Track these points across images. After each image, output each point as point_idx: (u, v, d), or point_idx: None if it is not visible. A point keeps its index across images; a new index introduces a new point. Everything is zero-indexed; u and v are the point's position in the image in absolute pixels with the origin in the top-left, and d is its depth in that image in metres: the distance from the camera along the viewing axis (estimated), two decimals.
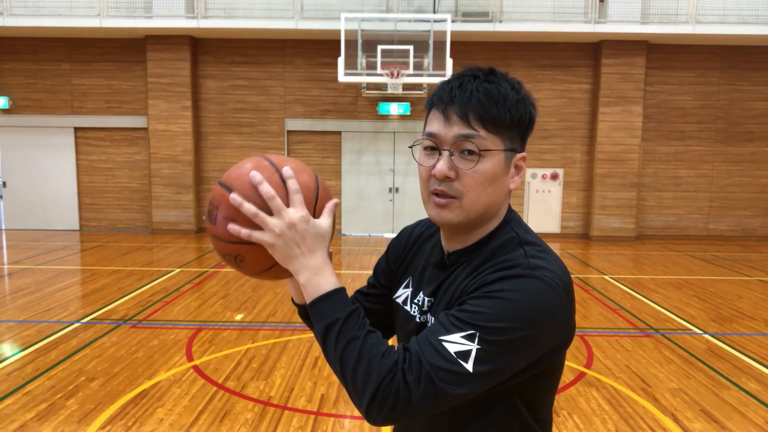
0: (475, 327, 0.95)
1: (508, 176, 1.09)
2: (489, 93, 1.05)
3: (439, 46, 10.63)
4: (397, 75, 10.70)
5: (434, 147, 1.07)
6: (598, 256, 10.67)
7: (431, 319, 1.12)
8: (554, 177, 12.85)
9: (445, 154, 1.05)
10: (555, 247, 11.65)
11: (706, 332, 5.73)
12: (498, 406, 1.07)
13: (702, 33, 11.59)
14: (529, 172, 12.84)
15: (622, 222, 12.54)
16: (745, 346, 5.27)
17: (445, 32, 10.57)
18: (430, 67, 10.96)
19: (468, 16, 11.88)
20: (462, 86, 1.06)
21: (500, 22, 11.72)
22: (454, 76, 1.10)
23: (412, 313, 1.18)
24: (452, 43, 10.89)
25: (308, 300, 1.02)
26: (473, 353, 0.94)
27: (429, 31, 10.81)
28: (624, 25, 11.66)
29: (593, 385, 4.30)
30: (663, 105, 12.61)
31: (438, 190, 1.06)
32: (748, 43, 12.16)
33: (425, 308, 1.15)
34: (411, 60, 10.85)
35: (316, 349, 5.00)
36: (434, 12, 11.55)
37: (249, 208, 1.00)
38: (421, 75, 11.10)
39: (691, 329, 5.84)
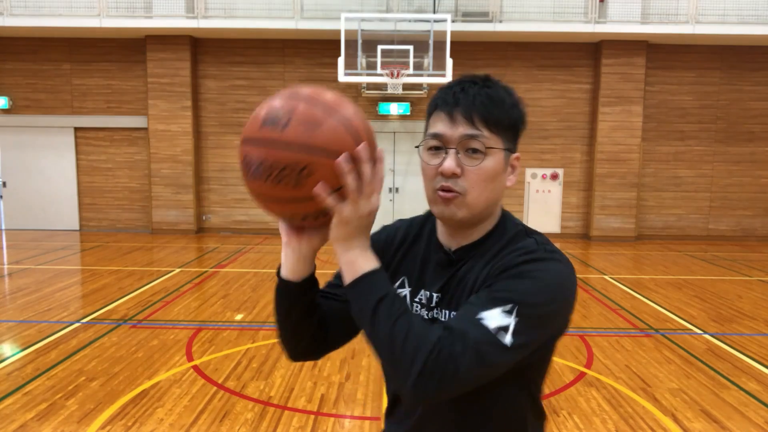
0: (512, 302, 1.02)
1: (506, 174, 1.17)
2: (490, 97, 1.12)
3: (439, 46, 10.63)
4: (397, 75, 10.70)
5: (439, 147, 1.13)
6: (598, 256, 10.67)
7: (445, 313, 1.16)
8: (554, 177, 12.85)
9: (452, 152, 1.11)
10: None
11: (706, 332, 5.73)
12: (515, 383, 1.14)
13: (702, 33, 11.59)
14: (528, 172, 12.85)
15: (622, 222, 12.54)
16: (745, 346, 5.27)
17: (445, 32, 10.57)
18: (430, 67, 10.97)
19: (468, 16, 11.88)
20: (464, 90, 1.13)
21: (500, 22, 11.72)
22: (455, 82, 1.16)
23: (414, 311, 1.21)
24: (452, 43, 10.89)
25: (355, 276, 1.05)
26: (512, 326, 1.00)
27: (429, 31, 10.81)
28: (624, 25, 11.66)
29: (593, 385, 4.30)
30: (663, 105, 12.61)
31: (445, 186, 1.12)
32: (748, 43, 12.16)
33: (433, 304, 1.18)
34: (411, 60, 10.85)
35: None
36: (434, 12, 11.55)
37: (351, 182, 1.00)
38: (421, 75, 11.11)
39: (691, 329, 5.84)
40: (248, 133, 1.04)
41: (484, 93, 1.11)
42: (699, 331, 5.76)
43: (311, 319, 1.19)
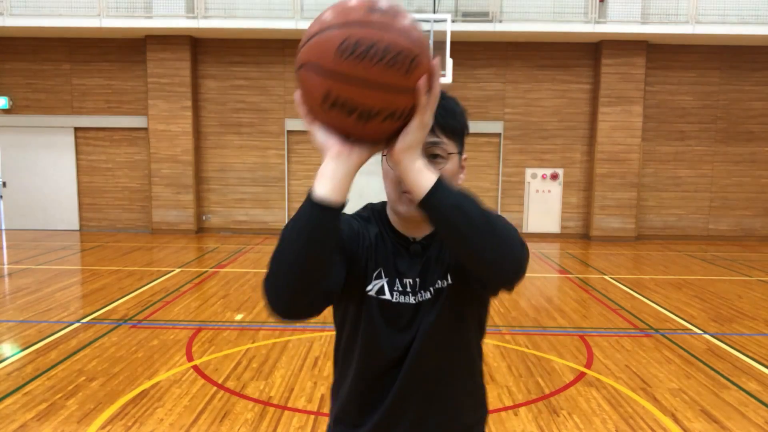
0: None
1: (459, 174, 1.33)
2: (446, 108, 1.25)
3: (439, 46, 10.62)
4: None
5: None
6: (598, 256, 10.67)
7: (424, 294, 1.30)
8: (554, 177, 12.85)
9: None
10: (555, 246, 11.67)
11: (706, 332, 5.73)
12: (476, 330, 1.40)
13: (702, 33, 11.59)
14: (528, 172, 12.85)
15: (622, 222, 12.54)
16: (745, 346, 5.27)
17: (445, 32, 10.57)
18: None
19: (468, 16, 11.88)
20: None
21: (500, 22, 11.72)
22: None
23: (394, 300, 1.30)
24: (452, 43, 10.88)
25: (431, 179, 1.10)
26: None
27: (429, 31, 10.79)
28: (624, 25, 11.66)
29: (593, 385, 4.30)
30: (663, 105, 12.61)
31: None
32: (748, 43, 12.16)
33: (417, 288, 1.31)
34: None
35: (316, 349, 5.01)
36: (434, 12, 11.54)
37: (437, 87, 1.08)
38: None
39: (691, 329, 5.84)
40: (352, 17, 1.01)
41: (441, 105, 1.19)
42: (699, 331, 5.76)
43: (331, 260, 1.17)
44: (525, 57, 12.56)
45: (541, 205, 12.92)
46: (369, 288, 1.31)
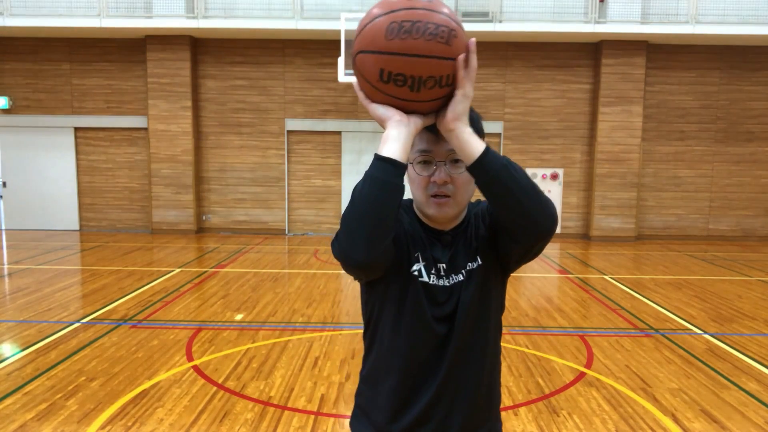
0: None
1: None
2: None
3: None
4: None
5: (428, 160, 1.40)
6: (598, 256, 10.67)
7: (453, 277, 1.44)
8: (554, 177, 12.85)
9: (441, 164, 1.39)
10: (555, 246, 11.66)
11: (706, 332, 5.73)
12: (498, 329, 1.52)
13: (702, 33, 11.59)
14: (528, 172, 12.82)
15: (622, 222, 12.54)
16: (745, 346, 5.27)
17: None
18: None
19: (468, 16, 11.88)
20: None
21: (500, 22, 11.72)
22: None
23: (431, 282, 1.43)
24: None
25: (481, 146, 1.27)
26: None
27: None
28: (624, 25, 11.66)
29: (593, 385, 4.30)
30: (663, 105, 12.61)
31: (438, 193, 1.40)
32: (748, 43, 12.16)
33: (449, 271, 1.44)
34: None
35: (316, 349, 5.01)
36: None
37: (474, 61, 1.25)
38: None
39: (691, 329, 5.84)
40: (396, 6, 1.21)
41: None
42: (699, 331, 5.76)
43: (398, 214, 1.32)
44: (525, 57, 12.56)
45: None
46: (413, 268, 1.43)
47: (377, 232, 1.24)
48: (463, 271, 1.44)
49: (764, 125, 12.65)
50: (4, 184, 12.96)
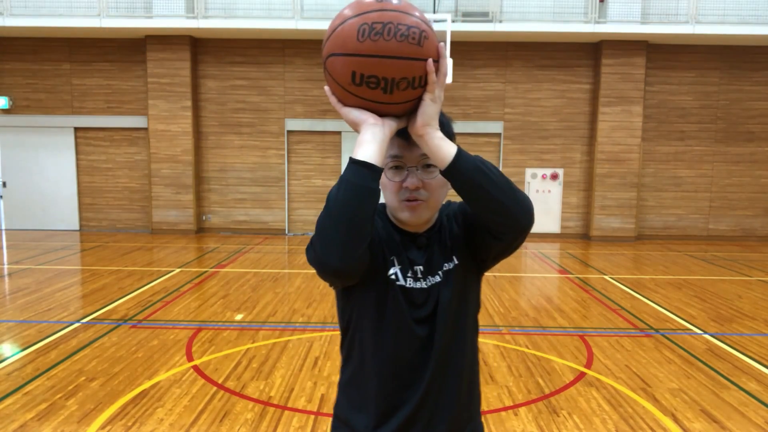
0: None
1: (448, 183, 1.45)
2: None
3: None
4: None
5: (400, 166, 1.39)
6: (598, 256, 10.67)
7: (430, 279, 1.43)
8: (554, 177, 12.85)
9: (413, 170, 1.38)
10: (555, 246, 11.67)
11: (706, 332, 5.73)
12: (475, 328, 1.53)
13: (702, 33, 11.59)
14: (528, 172, 12.85)
15: (622, 222, 12.54)
16: (745, 346, 5.27)
17: (445, 32, 10.57)
18: None
19: (468, 16, 11.88)
20: None
21: (500, 22, 11.72)
22: None
23: (408, 285, 1.41)
24: (452, 43, 10.89)
25: (453, 148, 1.27)
26: None
27: None
28: (624, 25, 11.66)
29: (593, 385, 4.30)
30: (663, 105, 12.61)
31: (410, 197, 1.39)
32: (748, 43, 12.16)
33: (426, 273, 1.44)
34: None
35: (316, 349, 5.01)
36: (434, 12, 11.54)
37: (444, 66, 1.25)
38: None
39: (691, 329, 5.84)
40: (366, 7, 1.20)
41: None
42: (699, 331, 5.76)
43: (374, 218, 1.30)
44: (525, 57, 12.56)
45: (541, 205, 12.91)
46: (390, 273, 1.42)
47: (353, 237, 1.21)
48: (439, 272, 1.44)
49: (764, 125, 12.65)
50: (4, 184, 12.96)
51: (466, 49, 12.24)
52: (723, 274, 8.93)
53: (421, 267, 1.43)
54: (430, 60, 1.21)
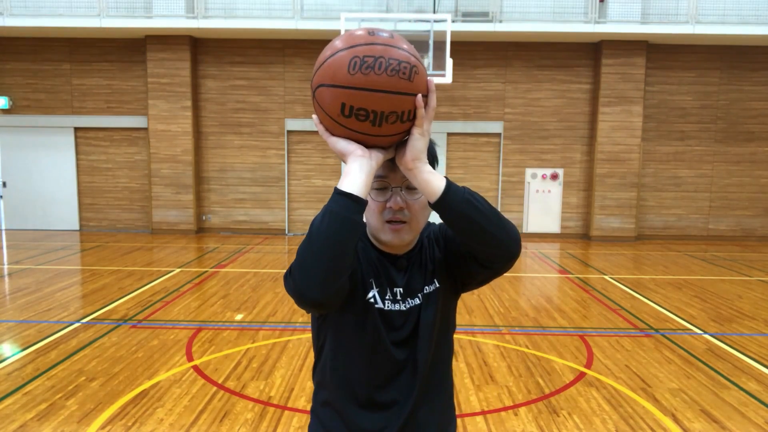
0: None
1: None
2: None
3: (439, 46, 10.61)
4: None
5: (384, 187, 1.38)
6: (598, 256, 10.67)
7: (409, 301, 1.42)
8: (554, 177, 12.85)
9: (397, 190, 1.38)
10: (555, 246, 11.67)
11: (706, 332, 5.73)
12: (450, 344, 1.53)
13: (702, 33, 11.59)
14: (528, 172, 12.85)
15: (622, 222, 12.54)
16: (745, 346, 5.27)
17: (445, 32, 10.55)
18: (430, 67, 10.95)
19: (468, 16, 11.88)
20: None
21: (500, 22, 11.72)
22: None
23: (386, 308, 1.40)
24: (452, 43, 10.88)
25: (443, 181, 1.28)
26: None
27: (429, 31, 10.79)
28: (624, 25, 11.66)
29: (593, 385, 4.30)
30: (663, 105, 12.61)
31: (394, 219, 1.38)
32: (748, 43, 12.16)
33: (405, 296, 1.43)
34: None
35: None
36: (434, 12, 11.54)
37: (433, 100, 1.26)
38: None
39: (691, 329, 5.84)
40: (358, 41, 1.21)
41: None
42: (699, 331, 5.76)
43: (354, 253, 1.31)
44: (525, 57, 12.56)
45: (541, 205, 12.92)
46: (369, 296, 1.41)
47: (334, 269, 1.20)
48: (419, 294, 1.43)
49: (764, 125, 12.65)
50: (4, 184, 12.96)
51: (466, 49, 12.24)
52: (723, 274, 8.93)
53: (400, 289, 1.42)
54: (419, 95, 1.21)
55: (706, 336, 5.61)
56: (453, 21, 11.17)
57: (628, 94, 12.21)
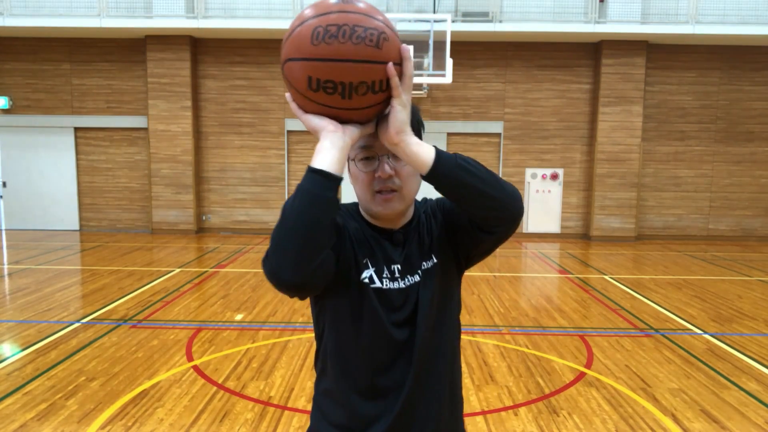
0: None
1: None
2: None
3: (439, 46, 10.62)
4: None
5: (370, 156, 1.34)
6: (598, 256, 10.67)
7: (408, 278, 1.38)
8: (554, 177, 12.85)
9: (384, 158, 1.33)
10: (555, 246, 11.67)
11: (706, 332, 5.73)
12: (456, 333, 1.48)
13: (702, 33, 11.59)
14: (528, 172, 12.85)
15: (622, 222, 12.54)
16: (745, 346, 5.27)
17: (445, 32, 10.57)
18: (430, 67, 10.96)
19: (468, 16, 11.88)
20: None
21: (500, 22, 11.72)
22: None
23: (385, 287, 1.36)
24: (452, 43, 10.89)
25: (431, 150, 1.23)
26: None
27: (429, 31, 10.80)
28: (624, 25, 11.66)
29: (593, 385, 4.30)
30: (663, 105, 12.61)
31: (384, 188, 1.33)
32: (748, 43, 12.16)
33: (404, 273, 1.39)
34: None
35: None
36: (434, 12, 11.55)
37: (409, 68, 1.20)
38: (421, 75, 11.10)
39: (691, 329, 5.84)
40: (323, 9, 1.15)
41: None
42: (699, 331, 5.76)
43: (332, 231, 1.23)
44: (525, 57, 12.56)
45: (541, 205, 12.92)
46: (363, 276, 1.36)
47: (308, 249, 1.15)
48: (419, 271, 1.38)
49: (764, 125, 12.65)
50: (4, 184, 12.96)
51: (466, 49, 12.24)
52: (723, 274, 8.93)
53: (398, 266, 1.38)
54: (390, 63, 1.15)
55: (706, 336, 5.61)
56: (453, 21, 11.18)
57: (628, 94, 12.21)
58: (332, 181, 1.17)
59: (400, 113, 1.20)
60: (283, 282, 1.17)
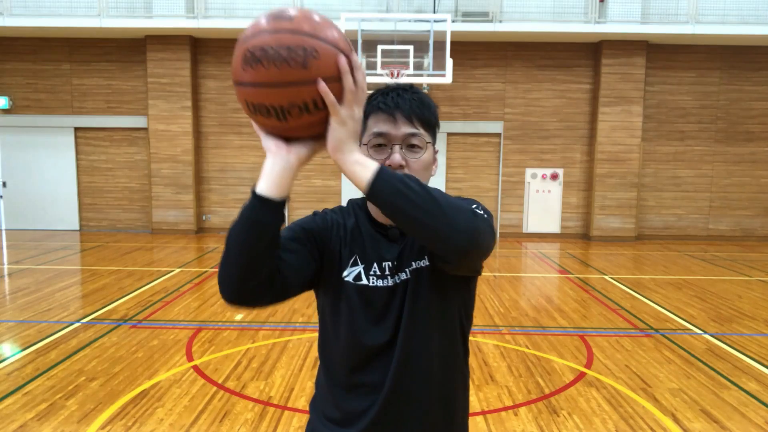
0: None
1: (433, 165, 1.41)
2: (422, 101, 1.36)
3: (439, 46, 10.62)
4: (397, 75, 10.70)
5: (383, 144, 1.32)
6: (598, 256, 10.67)
7: (401, 275, 1.34)
8: (554, 177, 12.85)
9: (397, 147, 1.31)
10: (555, 246, 11.67)
11: (706, 332, 5.73)
12: (455, 329, 1.41)
13: (702, 33, 11.59)
14: (528, 172, 12.85)
15: (622, 222, 12.54)
16: (745, 346, 5.27)
17: (445, 32, 10.57)
18: (430, 67, 10.96)
19: (468, 16, 11.88)
20: (400, 95, 1.34)
21: (500, 22, 11.72)
22: (388, 89, 1.37)
23: (371, 284, 1.34)
24: (452, 43, 10.88)
25: (373, 169, 1.14)
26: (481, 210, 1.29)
27: (429, 31, 10.80)
28: (624, 25, 11.66)
29: (593, 385, 4.30)
30: (663, 105, 12.61)
31: None
32: (748, 43, 12.16)
33: (395, 270, 1.35)
34: (411, 60, 10.84)
35: (316, 349, 5.00)
36: (434, 12, 11.55)
37: (350, 82, 1.11)
38: (421, 75, 11.10)
39: (691, 329, 5.84)
40: (252, 30, 1.10)
41: (417, 98, 1.35)
42: (699, 331, 5.76)
43: (275, 252, 1.21)
44: (525, 57, 12.56)
45: (541, 205, 12.92)
46: (345, 274, 1.36)
47: (244, 272, 1.16)
48: (407, 269, 1.34)
49: (764, 125, 12.65)
50: (4, 184, 12.96)
51: (466, 49, 12.24)
52: (723, 274, 8.93)
53: (389, 263, 1.35)
54: (321, 82, 1.08)
55: (706, 336, 5.61)
56: (453, 21, 11.18)
57: (628, 94, 12.21)
58: (265, 205, 1.14)
59: (336, 131, 1.13)
60: (224, 298, 1.22)
